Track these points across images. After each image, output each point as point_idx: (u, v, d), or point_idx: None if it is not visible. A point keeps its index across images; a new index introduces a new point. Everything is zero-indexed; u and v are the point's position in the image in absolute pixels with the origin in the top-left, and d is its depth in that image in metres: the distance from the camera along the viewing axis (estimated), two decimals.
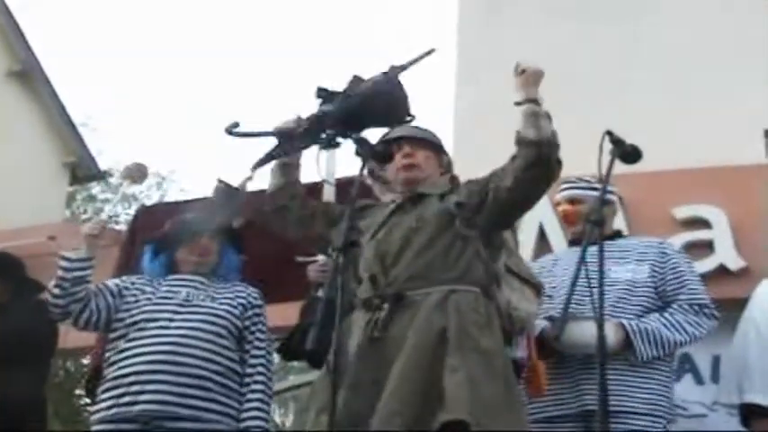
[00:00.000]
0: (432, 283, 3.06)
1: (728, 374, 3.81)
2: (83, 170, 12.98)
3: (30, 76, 12.26)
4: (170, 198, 17.68)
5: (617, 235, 3.83)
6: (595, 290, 3.44)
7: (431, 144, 3.42)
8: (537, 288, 3.32)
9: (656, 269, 3.63)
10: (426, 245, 3.12)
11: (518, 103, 3.09)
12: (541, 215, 5.08)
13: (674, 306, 3.57)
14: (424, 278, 3.07)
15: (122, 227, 6.98)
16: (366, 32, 35.22)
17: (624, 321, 3.49)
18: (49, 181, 12.65)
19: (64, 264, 3.60)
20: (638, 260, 3.65)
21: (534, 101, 3.07)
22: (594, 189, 3.80)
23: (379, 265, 3.13)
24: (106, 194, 18.53)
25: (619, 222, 4.31)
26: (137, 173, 3.90)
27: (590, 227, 3.06)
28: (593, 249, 3.55)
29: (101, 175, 13.78)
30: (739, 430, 3.73)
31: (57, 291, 3.61)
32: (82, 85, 29.07)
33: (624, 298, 3.56)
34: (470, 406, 2.79)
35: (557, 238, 4.97)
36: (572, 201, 3.83)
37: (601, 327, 2.85)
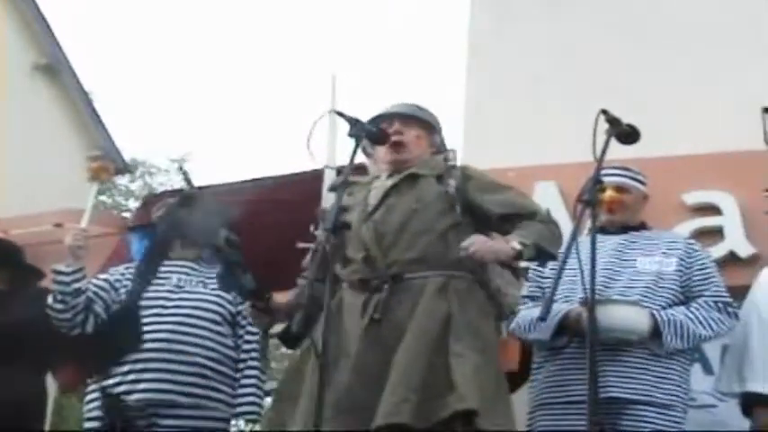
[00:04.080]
0: (430, 267, 3.08)
1: (730, 362, 3.73)
2: None
3: (56, 69, 12.30)
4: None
5: (642, 226, 3.77)
6: (622, 277, 3.44)
7: (422, 122, 3.38)
8: (517, 271, 3.33)
9: (683, 264, 3.60)
10: (425, 228, 3.12)
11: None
12: (549, 201, 4.99)
13: (699, 302, 3.55)
14: (423, 262, 3.09)
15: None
16: (378, 20, 35.68)
17: (653, 311, 3.45)
18: (74, 174, 12.69)
19: (61, 278, 3.54)
20: (665, 253, 3.62)
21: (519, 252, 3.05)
22: (641, 182, 3.77)
23: (377, 245, 3.11)
24: (129, 185, 18.52)
25: None
26: (102, 170, 3.87)
27: (581, 207, 3.01)
28: (618, 239, 3.55)
29: (126, 169, 13.85)
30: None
31: (60, 306, 3.55)
32: (102, 73, 28.97)
33: (651, 289, 3.53)
34: (479, 396, 2.85)
35: (563, 224, 4.87)
36: (619, 188, 3.70)
37: (592, 311, 2.84)
